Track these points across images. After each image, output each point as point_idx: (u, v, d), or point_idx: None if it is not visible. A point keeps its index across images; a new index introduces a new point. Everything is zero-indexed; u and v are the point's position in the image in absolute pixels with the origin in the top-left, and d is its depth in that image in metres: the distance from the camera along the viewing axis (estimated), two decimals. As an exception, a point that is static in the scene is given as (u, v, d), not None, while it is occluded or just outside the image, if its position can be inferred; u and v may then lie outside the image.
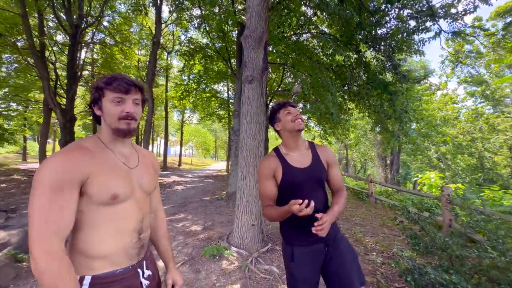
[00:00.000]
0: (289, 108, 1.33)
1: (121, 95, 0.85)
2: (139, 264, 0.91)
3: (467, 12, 4.50)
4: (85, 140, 0.88)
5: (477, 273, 2.10)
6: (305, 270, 1.25)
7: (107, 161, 0.86)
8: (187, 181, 11.74)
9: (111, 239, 0.83)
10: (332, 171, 1.36)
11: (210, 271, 2.79)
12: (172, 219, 5.05)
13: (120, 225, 0.85)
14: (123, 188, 0.86)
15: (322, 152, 1.37)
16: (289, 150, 1.34)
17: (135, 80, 0.90)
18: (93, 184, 0.79)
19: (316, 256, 1.27)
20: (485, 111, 16.28)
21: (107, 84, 0.84)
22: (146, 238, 0.96)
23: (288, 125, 1.31)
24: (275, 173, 1.30)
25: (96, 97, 0.87)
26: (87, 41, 10.68)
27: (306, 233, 1.21)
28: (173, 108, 21.28)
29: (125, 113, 0.85)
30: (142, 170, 0.98)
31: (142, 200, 0.94)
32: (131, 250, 0.87)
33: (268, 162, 1.31)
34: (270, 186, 1.30)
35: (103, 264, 0.81)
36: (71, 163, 0.76)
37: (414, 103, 10.60)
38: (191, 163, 31.01)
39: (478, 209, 3.00)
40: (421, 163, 20.39)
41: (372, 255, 3.25)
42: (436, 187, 7.96)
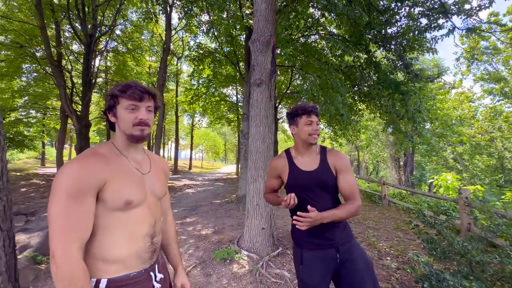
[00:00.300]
0: (312, 118, 1.30)
1: (135, 102, 0.88)
2: (151, 268, 0.93)
3: (482, 8, 4.35)
4: (100, 147, 0.91)
5: (500, 280, 2.00)
6: (314, 275, 1.23)
7: (122, 167, 0.89)
8: (198, 185, 11.86)
9: (125, 244, 0.85)
10: (341, 177, 1.30)
11: (221, 274, 2.79)
12: (183, 222, 5.10)
13: (134, 229, 0.87)
14: (137, 194, 0.88)
15: (332, 157, 1.34)
16: (299, 154, 1.37)
17: (149, 88, 0.92)
18: (108, 190, 0.82)
19: (327, 261, 1.24)
20: (504, 109, 15.58)
21: (121, 92, 0.87)
22: (158, 242, 0.98)
23: (303, 135, 1.31)
24: (281, 174, 1.38)
25: (111, 104, 0.90)
26: (101, 50, 11.07)
27: (317, 236, 1.25)
28: (183, 112, 21.66)
29: (139, 119, 0.88)
30: (154, 176, 1.00)
31: (154, 205, 0.96)
32: (144, 254, 0.89)
33: (275, 163, 1.41)
34: (273, 183, 1.45)
35: (118, 267, 0.83)
36: (87, 170, 0.79)
37: (428, 102, 10.29)
38: (201, 167, 31.34)
39: (499, 212, 2.86)
40: (437, 164, 19.71)
41: (386, 260, 3.15)
42: (453, 189, 7.67)
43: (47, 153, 22.86)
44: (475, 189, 6.84)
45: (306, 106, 1.31)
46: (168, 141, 36.91)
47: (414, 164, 15.97)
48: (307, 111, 1.30)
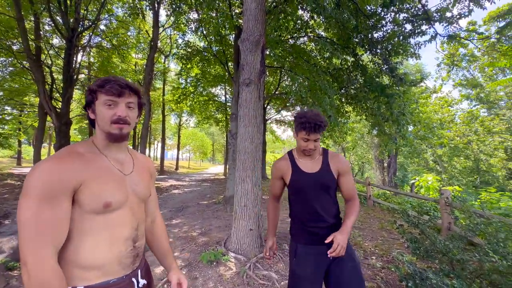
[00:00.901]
0: (310, 136, 1.26)
1: (113, 98, 0.82)
2: (133, 274, 0.88)
3: (462, 16, 4.55)
4: (78, 145, 0.85)
5: (478, 277, 2.08)
6: (306, 268, 1.29)
7: (101, 167, 0.83)
8: (184, 185, 11.65)
9: (104, 248, 0.79)
10: (343, 179, 1.39)
11: (208, 277, 2.73)
12: (169, 223, 4.97)
13: (114, 233, 0.82)
14: (117, 196, 0.83)
15: (333, 160, 1.39)
16: (301, 156, 1.41)
17: (130, 83, 0.86)
18: (85, 192, 0.76)
19: (319, 257, 1.29)
20: (480, 114, 16.45)
21: (100, 86, 0.81)
22: (141, 246, 0.92)
23: (299, 147, 1.37)
24: (284, 175, 1.41)
25: (89, 100, 0.84)
26: (84, 45, 10.63)
27: (312, 234, 1.32)
28: (170, 111, 21.25)
29: (117, 116, 0.82)
30: (137, 176, 0.95)
31: (136, 207, 0.91)
32: (125, 259, 0.84)
33: (279, 165, 1.44)
34: (277, 186, 1.48)
35: (96, 274, 0.78)
36: (62, 170, 0.73)
37: (411, 105, 10.68)
38: (188, 167, 30.86)
39: (477, 211, 2.98)
40: (418, 166, 20.49)
41: (371, 259, 3.21)
42: (433, 190, 7.98)
43: (23, 152, 21.67)
44: (453, 189, 7.16)
45: (307, 122, 1.24)
46: (154, 140, 36.09)
47: (397, 165, 16.51)
48: (306, 128, 1.25)
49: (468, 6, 4.47)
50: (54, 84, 9.23)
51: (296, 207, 1.40)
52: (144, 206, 0.98)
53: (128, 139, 0.93)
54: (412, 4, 4.90)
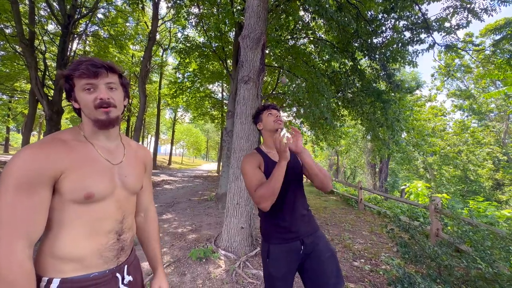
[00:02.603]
0: (272, 111, 1.43)
1: (89, 80, 0.74)
2: (118, 268, 0.83)
3: (460, 27, 4.63)
4: (63, 132, 0.79)
5: (465, 283, 2.11)
6: (280, 267, 1.27)
7: (86, 156, 0.78)
8: (177, 181, 11.54)
9: (84, 240, 0.75)
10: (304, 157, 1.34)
11: (196, 274, 2.70)
12: (159, 219, 4.90)
13: (95, 225, 0.77)
14: (101, 187, 0.77)
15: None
16: (270, 148, 1.43)
17: (106, 62, 0.79)
18: (66, 181, 0.72)
19: (292, 253, 1.28)
20: (471, 125, 16.83)
21: (74, 70, 0.74)
22: (127, 240, 0.86)
23: (269, 125, 1.40)
24: (259, 166, 1.34)
25: (67, 88, 0.77)
26: (80, 33, 10.39)
27: (283, 231, 1.29)
28: (165, 106, 21.00)
29: (99, 100, 0.75)
30: (129, 166, 0.89)
31: (124, 199, 0.85)
32: (107, 252, 0.79)
33: (252, 156, 1.37)
34: (260, 173, 1.28)
35: (75, 266, 0.74)
36: (41, 158, 0.69)
37: (406, 112, 10.83)
38: (181, 163, 30.59)
39: (465, 219, 3.04)
40: (409, 172, 20.83)
41: (360, 262, 3.23)
42: (423, 196, 8.11)
43: (12, 139, 21.13)
44: (442, 197, 7.28)
45: (265, 104, 1.47)
46: (148, 134, 35.65)
47: (388, 171, 16.74)
48: (265, 107, 1.44)
49: (466, 17, 4.55)
50: (47, 71, 9.00)
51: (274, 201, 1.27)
52: (134, 198, 0.93)
53: (119, 124, 0.86)
54: (412, 12, 4.95)
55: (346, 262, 3.23)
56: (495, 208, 4.98)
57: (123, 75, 0.85)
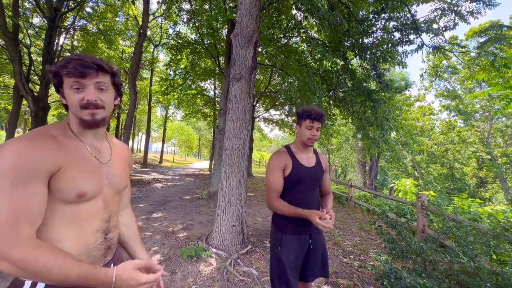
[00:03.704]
0: (314, 124, 1.44)
1: (77, 79, 0.71)
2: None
3: (447, 29, 4.75)
4: (51, 127, 0.76)
5: (448, 277, 2.19)
6: (291, 255, 1.41)
7: (77, 153, 0.75)
8: (168, 179, 11.42)
9: (73, 240, 0.73)
10: (325, 176, 1.62)
11: (187, 272, 2.69)
12: (149, 217, 4.85)
13: (83, 224, 0.75)
14: (92, 186, 0.76)
15: (322, 159, 1.62)
16: (298, 150, 1.54)
17: (98, 60, 0.75)
18: (61, 179, 0.69)
19: (302, 244, 1.45)
20: (458, 124, 17.34)
21: (62, 68, 0.71)
22: (114, 239, 0.86)
23: (303, 137, 1.48)
24: (285, 167, 1.47)
25: (55, 84, 0.75)
26: (67, 27, 10.07)
27: (297, 224, 1.44)
28: (156, 103, 20.69)
29: (85, 101, 0.73)
30: (115, 166, 0.88)
31: (110, 198, 0.84)
32: (95, 251, 0.78)
33: (280, 157, 1.48)
34: (280, 178, 1.45)
35: None
36: (37, 151, 0.66)
37: (395, 112, 11.05)
38: (173, 161, 30.25)
39: (450, 215, 3.14)
40: (398, 171, 21.32)
41: (349, 258, 3.30)
42: (411, 194, 8.32)
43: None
44: (428, 194, 7.49)
45: (311, 111, 1.42)
46: (138, 132, 35.06)
47: (378, 169, 17.08)
48: (311, 117, 1.42)
49: (454, 19, 4.68)
50: (32, 65, 8.68)
51: (290, 198, 1.46)
52: (119, 198, 0.92)
53: (105, 125, 0.83)
54: (402, 13, 5.04)
55: (336, 258, 3.29)
56: (478, 205, 5.17)
57: (116, 73, 0.82)
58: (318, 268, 1.51)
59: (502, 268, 1.93)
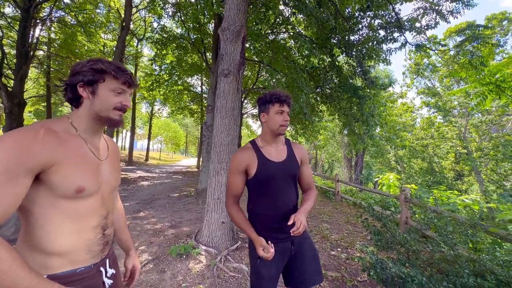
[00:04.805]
0: (284, 107, 1.26)
1: (125, 87, 0.83)
2: (102, 263, 0.85)
3: (429, 27, 4.92)
4: (52, 122, 0.76)
5: (430, 265, 2.30)
6: (271, 269, 1.25)
7: (77, 150, 0.78)
8: (154, 177, 11.18)
9: (73, 235, 0.75)
10: (304, 169, 1.40)
11: (176, 271, 2.65)
12: (135, 216, 4.74)
13: (82, 220, 0.78)
14: (91, 182, 0.79)
15: (297, 149, 1.39)
16: (266, 144, 1.33)
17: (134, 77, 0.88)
18: (57, 174, 0.70)
19: (283, 253, 1.28)
20: (437, 120, 18.12)
21: (114, 71, 0.80)
22: (111, 235, 0.89)
23: (273, 125, 1.27)
24: (249, 167, 1.27)
25: (92, 80, 0.79)
26: (43, 18, 9.52)
27: (275, 230, 1.25)
28: (141, 99, 20.10)
29: (123, 105, 0.83)
30: (111, 164, 0.92)
31: (107, 195, 0.88)
32: (94, 247, 0.81)
33: (242, 155, 1.28)
34: (239, 182, 1.28)
35: (62, 262, 0.73)
36: (33, 144, 0.66)
37: (379, 108, 11.37)
38: (159, 158, 29.62)
39: (431, 207, 3.29)
40: (382, 165, 22.04)
41: (337, 251, 3.39)
42: (394, 187, 8.64)
43: (-36, 134, 19.02)
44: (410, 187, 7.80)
45: (280, 94, 1.25)
46: (123, 129, 33.99)
47: (363, 164, 17.57)
48: (281, 100, 1.24)
49: (435, 18, 4.84)
50: (5, 59, 8.15)
51: (260, 202, 1.29)
52: (113, 195, 0.97)
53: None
54: (386, 12, 5.16)
55: (324, 251, 3.36)
56: (456, 197, 5.45)
57: None
58: (311, 273, 1.30)
59: (478, 256, 2.05)
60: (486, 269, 1.89)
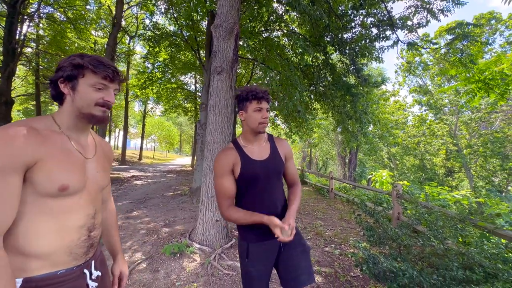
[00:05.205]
0: (262, 104, 1.21)
1: (106, 82, 0.79)
2: (86, 264, 0.81)
3: (420, 25, 4.98)
4: (34, 120, 0.75)
5: (420, 260, 2.34)
6: (259, 266, 1.24)
7: (60, 147, 0.76)
8: (148, 176, 11.07)
9: (54, 236, 0.72)
10: (288, 165, 1.37)
11: (170, 270, 2.64)
12: (129, 216, 4.69)
13: (66, 220, 0.75)
14: (75, 180, 0.77)
15: (281, 145, 1.35)
16: (248, 142, 1.29)
17: (119, 70, 0.83)
18: (40, 172, 0.69)
19: (271, 251, 1.26)
20: (428, 118, 18.43)
21: (93, 66, 0.76)
22: (97, 237, 0.86)
23: (252, 123, 1.23)
24: (233, 167, 1.22)
25: (71, 75, 0.76)
26: (31, 14, 9.27)
27: (263, 229, 1.20)
28: (134, 97, 19.81)
29: (105, 101, 0.79)
30: (99, 162, 0.89)
31: (94, 194, 0.85)
32: (77, 249, 0.77)
33: (226, 156, 1.23)
34: (230, 183, 1.21)
35: (41, 264, 0.70)
36: (14, 142, 0.64)
37: (372, 106, 11.49)
38: (153, 157, 29.32)
39: (422, 203, 3.34)
40: (375, 163, 22.32)
41: (331, 247, 3.42)
42: (387, 184, 8.77)
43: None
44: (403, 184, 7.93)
45: (257, 90, 1.19)
46: (115, 128, 33.50)
47: (357, 161, 17.77)
48: (258, 97, 1.19)
49: (426, 17, 4.91)
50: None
51: (246, 201, 1.25)
52: (101, 195, 0.93)
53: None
54: (379, 10, 5.20)
55: (318, 248, 3.39)
56: (446, 192, 5.56)
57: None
58: (301, 270, 1.26)
59: (467, 249, 2.09)
60: (474, 262, 1.93)
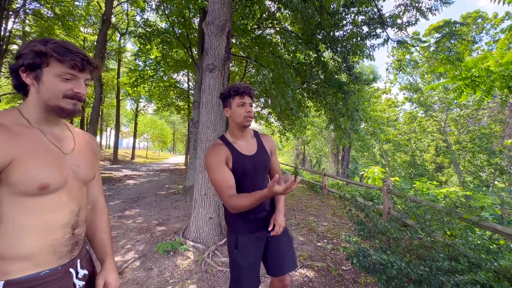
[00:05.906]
0: (245, 99, 1.25)
1: (75, 72, 0.71)
2: (71, 263, 0.78)
3: (410, 24, 5.07)
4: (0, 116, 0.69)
5: (409, 252, 2.41)
6: (248, 257, 1.28)
7: (35, 142, 0.71)
8: (141, 175, 10.96)
9: (37, 235, 0.69)
10: (273, 159, 1.44)
11: (164, 268, 2.64)
12: (121, 215, 4.64)
13: (48, 219, 0.71)
14: (56, 177, 0.72)
15: (266, 141, 1.41)
16: (236, 138, 1.32)
17: (90, 57, 0.74)
18: (16, 171, 0.65)
19: (259, 242, 1.32)
20: (419, 115, 18.81)
21: (58, 54, 0.68)
22: (82, 234, 0.83)
23: (237, 119, 1.26)
24: (226, 161, 1.24)
25: (33, 63, 0.68)
26: (16, 9, 9.00)
27: (250, 220, 1.28)
28: (126, 96, 19.51)
29: (75, 93, 0.72)
30: (79, 155, 0.84)
31: (77, 190, 0.80)
32: (61, 247, 0.74)
33: (219, 150, 1.24)
34: (228, 173, 1.21)
35: (24, 265, 0.67)
36: None
37: (364, 103, 11.64)
38: (146, 156, 29.00)
39: (411, 197, 3.43)
40: (367, 159, 22.68)
41: (323, 242, 3.48)
42: (379, 180, 8.93)
43: None
44: (394, 180, 8.10)
45: (239, 86, 1.25)
46: (107, 127, 32.95)
47: (350, 158, 18.00)
48: (239, 92, 1.24)
49: (415, 15, 5.00)
50: (-25, 53, 7.67)
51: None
52: (85, 190, 0.88)
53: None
54: (370, 8, 5.27)
55: (310, 243, 3.44)
56: (434, 187, 5.72)
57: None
58: (286, 259, 1.35)
59: (453, 241, 2.17)
60: (460, 253, 2.01)
